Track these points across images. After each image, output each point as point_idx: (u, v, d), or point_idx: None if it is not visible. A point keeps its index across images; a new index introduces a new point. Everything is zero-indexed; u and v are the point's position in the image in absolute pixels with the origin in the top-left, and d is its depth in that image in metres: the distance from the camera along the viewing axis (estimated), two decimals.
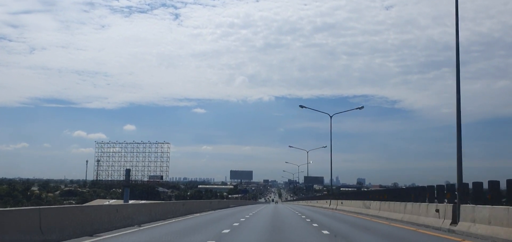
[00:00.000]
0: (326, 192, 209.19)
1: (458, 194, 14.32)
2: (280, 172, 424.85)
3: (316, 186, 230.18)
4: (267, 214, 25.87)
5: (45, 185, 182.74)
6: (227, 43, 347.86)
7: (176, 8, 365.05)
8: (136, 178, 76.69)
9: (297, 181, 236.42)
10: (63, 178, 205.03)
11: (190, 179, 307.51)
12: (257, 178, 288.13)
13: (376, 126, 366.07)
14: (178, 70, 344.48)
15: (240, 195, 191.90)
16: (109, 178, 76.95)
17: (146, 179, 76.02)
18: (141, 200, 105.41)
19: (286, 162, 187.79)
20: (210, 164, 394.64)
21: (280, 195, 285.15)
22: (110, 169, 76.86)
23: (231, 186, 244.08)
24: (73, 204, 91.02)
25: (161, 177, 75.61)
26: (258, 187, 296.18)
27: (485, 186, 13.86)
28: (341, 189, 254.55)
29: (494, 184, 13.07)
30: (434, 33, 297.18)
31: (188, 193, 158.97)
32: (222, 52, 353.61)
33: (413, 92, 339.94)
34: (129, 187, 77.13)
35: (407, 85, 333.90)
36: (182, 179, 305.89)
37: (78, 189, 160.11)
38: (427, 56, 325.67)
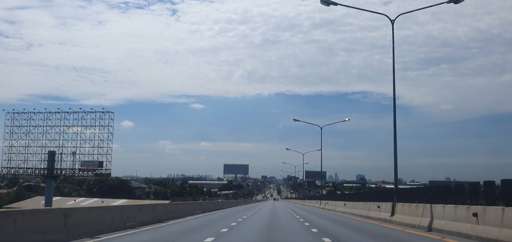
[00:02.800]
0: (329, 188, 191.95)
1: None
2: (278, 168, 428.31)
3: (317, 182, 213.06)
4: None
5: (13, 180, 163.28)
6: (225, 39, 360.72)
7: (173, 3, 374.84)
8: (65, 165, 53.64)
9: (297, 177, 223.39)
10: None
11: (185, 176, 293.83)
12: (255, 174, 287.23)
13: (375, 122, 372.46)
14: (176, 67, 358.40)
15: (232, 191, 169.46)
16: (25, 165, 53.84)
17: (77, 167, 52.88)
18: (94, 198, 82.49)
19: (283, 163, 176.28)
20: (209, 161, 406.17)
21: (279, 192, 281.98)
22: (26, 152, 53.82)
23: (225, 182, 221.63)
24: None
25: (101, 163, 52.47)
26: (255, 183, 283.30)
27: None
28: (344, 185, 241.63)
29: (490, 184, 12.87)
30: (433, 29, 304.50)
31: (169, 191, 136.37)
32: (220, 48, 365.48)
33: (412, 89, 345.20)
34: (53, 178, 54.23)
35: (406, 81, 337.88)
36: (180, 176, 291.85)
37: (41, 184, 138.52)
38: (426, 53, 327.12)
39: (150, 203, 29.93)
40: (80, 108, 56.58)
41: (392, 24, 22.37)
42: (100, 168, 52.15)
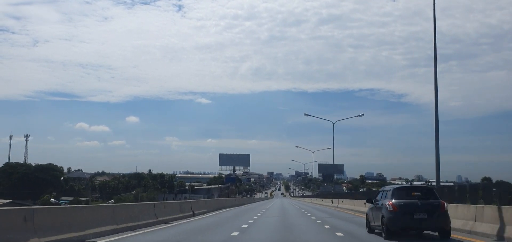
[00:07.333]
0: (346, 185, 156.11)
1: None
2: (285, 166, 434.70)
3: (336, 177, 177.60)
4: None
5: None
6: (231, 35, 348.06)
7: None
8: None
9: (307, 172, 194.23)
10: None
11: (189, 172, 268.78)
12: (260, 170, 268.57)
13: (383, 120, 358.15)
14: (182, 63, 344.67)
15: (219, 185, 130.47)
16: None
17: None
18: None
19: (292, 160, 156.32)
20: (215, 157, 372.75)
21: (287, 188, 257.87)
22: None
23: (221, 175, 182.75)
24: None
25: None
26: (259, 178, 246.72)
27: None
28: (367, 181, 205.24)
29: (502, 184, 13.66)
30: (442, 25, 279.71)
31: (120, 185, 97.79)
32: (226, 44, 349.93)
33: (420, 86, 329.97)
34: None
35: (414, 78, 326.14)
36: (184, 173, 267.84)
37: None
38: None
39: None
40: None
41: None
42: None
